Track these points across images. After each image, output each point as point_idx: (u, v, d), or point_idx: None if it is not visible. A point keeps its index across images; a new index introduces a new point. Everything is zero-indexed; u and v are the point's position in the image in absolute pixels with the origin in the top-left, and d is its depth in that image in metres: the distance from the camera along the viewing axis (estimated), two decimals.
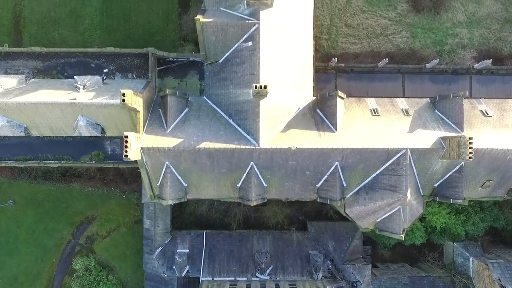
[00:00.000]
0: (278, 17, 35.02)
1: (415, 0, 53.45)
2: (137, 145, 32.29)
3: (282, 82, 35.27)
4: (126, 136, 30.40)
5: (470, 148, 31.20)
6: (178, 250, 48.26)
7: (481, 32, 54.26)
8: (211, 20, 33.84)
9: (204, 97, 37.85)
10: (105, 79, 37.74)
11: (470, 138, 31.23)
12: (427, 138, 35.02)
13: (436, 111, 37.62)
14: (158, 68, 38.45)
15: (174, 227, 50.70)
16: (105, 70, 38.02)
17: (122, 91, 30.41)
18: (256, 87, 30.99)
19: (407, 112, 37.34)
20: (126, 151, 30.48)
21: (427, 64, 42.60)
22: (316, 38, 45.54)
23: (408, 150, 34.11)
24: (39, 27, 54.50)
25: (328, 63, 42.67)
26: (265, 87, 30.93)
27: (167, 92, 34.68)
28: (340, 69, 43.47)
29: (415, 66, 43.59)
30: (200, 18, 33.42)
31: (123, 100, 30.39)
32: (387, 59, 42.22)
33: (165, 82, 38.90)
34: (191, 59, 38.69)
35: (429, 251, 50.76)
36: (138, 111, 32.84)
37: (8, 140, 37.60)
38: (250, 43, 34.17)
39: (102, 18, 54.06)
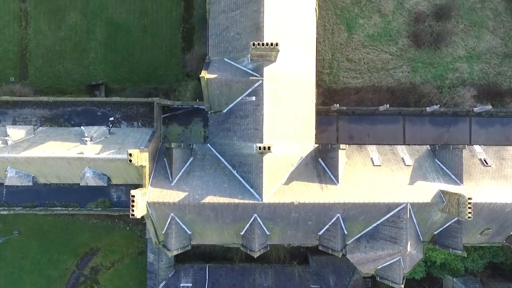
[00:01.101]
0: (282, 71, 35.60)
1: (416, 35, 54.12)
2: (143, 201, 32.99)
3: (285, 135, 35.93)
4: (133, 196, 31.07)
5: (469, 208, 31.86)
6: (181, 285, 49.06)
7: (481, 66, 54.99)
8: (215, 76, 34.48)
9: (208, 145, 38.53)
10: (111, 127, 38.42)
11: (469, 198, 31.87)
12: (427, 190, 35.71)
13: (436, 160, 38.27)
14: (163, 115, 39.09)
15: (177, 260, 51.41)
16: (111, 119, 38.70)
17: (129, 151, 31.12)
18: (260, 148, 31.67)
19: (407, 161, 37.98)
20: (132, 210, 31.17)
21: (427, 108, 43.25)
22: (317, 72, 46.07)
23: (408, 204, 34.82)
24: (44, 60, 55.12)
25: (329, 107, 43.29)
26: (269, 148, 31.61)
27: (172, 146, 35.34)
28: (341, 112, 44.04)
29: (416, 109, 44.26)
30: (205, 74, 34.04)
31: (130, 160, 31.09)
32: (388, 105, 42.83)
33: (169, 129, 39.57)
34: (195, 106, 39.30)
35: (429, 285, 51.53)
36: (144, 166, 33.54)
37: (16, 187, 38.28)
38: (253, 98, 34.80)
39: (106, 52, 54.65)
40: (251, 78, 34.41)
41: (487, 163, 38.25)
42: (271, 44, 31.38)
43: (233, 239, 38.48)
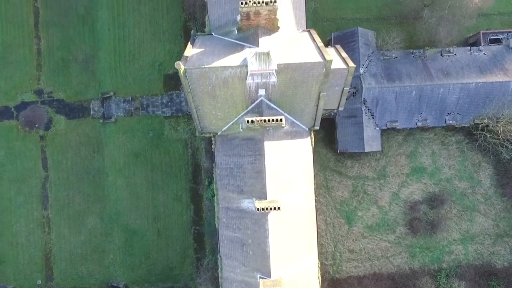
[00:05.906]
0: None
1: (412, 223, 57.74)
2: None
3: None
4: None
5: None
6: None
7: (475, 247, 58.37)
8: None
9: None
10: None
11: None
12: None
13: None
14: None
15: None
16: None
17: None
18: None
19: None
20: None
21: None
22: (322, 265, 49.50)
23: None
24: (68, 263, 59.35)
25: None
26: None
27: None
28: None
29: None
30: None
31: None
32: None
33: None
34: None
35: None
36: None
37: None
38: None
39: (124, 256, 58.68)
40: None
41: None
42: None
43: None
